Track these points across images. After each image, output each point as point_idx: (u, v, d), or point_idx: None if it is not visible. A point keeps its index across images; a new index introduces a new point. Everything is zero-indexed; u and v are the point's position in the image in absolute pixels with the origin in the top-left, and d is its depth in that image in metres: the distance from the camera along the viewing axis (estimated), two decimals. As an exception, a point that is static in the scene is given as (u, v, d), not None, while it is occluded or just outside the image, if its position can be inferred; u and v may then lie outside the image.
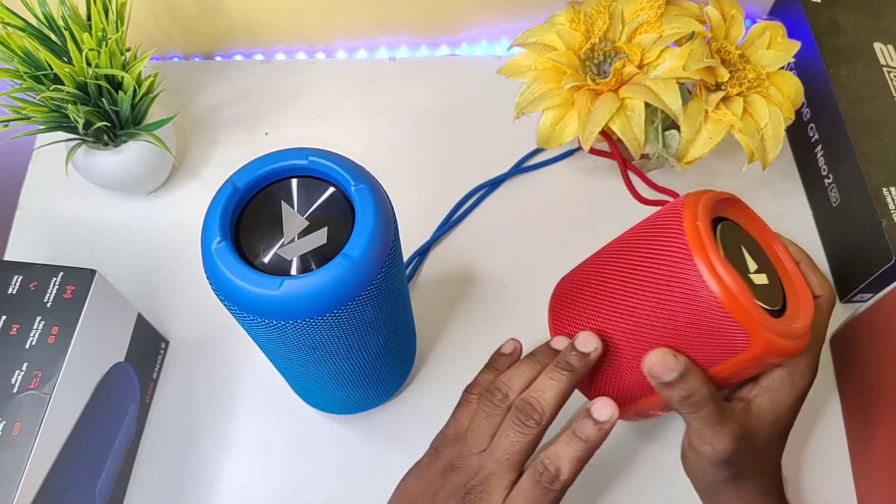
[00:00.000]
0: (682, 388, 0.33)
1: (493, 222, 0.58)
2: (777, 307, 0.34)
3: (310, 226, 0.33)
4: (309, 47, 0.66)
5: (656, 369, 0.33)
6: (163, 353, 0.52)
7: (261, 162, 0.34)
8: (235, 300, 0.32)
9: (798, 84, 0.52)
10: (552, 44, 0.52)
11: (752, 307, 0.31)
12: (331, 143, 0.61)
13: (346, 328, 0.34)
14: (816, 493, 0.48)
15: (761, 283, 0.33)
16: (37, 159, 0.61)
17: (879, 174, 0.51)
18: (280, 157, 0.34)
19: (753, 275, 0.33)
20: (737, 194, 0.37)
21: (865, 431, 0.48)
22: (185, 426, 0.50)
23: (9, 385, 0.39)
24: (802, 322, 0.34)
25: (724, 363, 0.33)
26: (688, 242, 0.32)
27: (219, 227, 0.32)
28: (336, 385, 0.42)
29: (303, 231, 0.33)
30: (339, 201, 0.34)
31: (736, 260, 0.33)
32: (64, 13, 0.48)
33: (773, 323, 0.32)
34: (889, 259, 0.48)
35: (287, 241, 0.33)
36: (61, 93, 0.47)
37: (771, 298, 0.34)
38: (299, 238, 0.33)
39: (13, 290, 0.42)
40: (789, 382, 0.36)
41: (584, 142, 0.49)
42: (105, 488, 0.45)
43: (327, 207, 0.34)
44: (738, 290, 0.31)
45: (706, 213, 0.33)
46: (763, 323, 0.31)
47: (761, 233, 0.36)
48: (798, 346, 0.33)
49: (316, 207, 0.34)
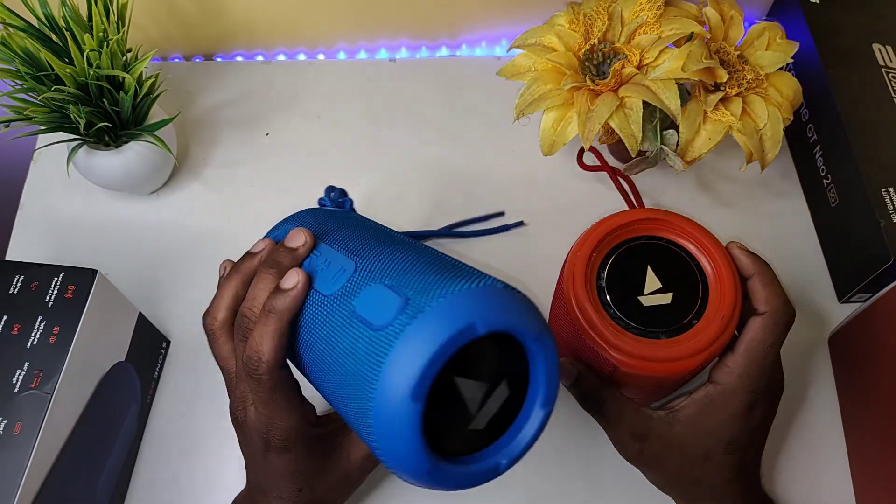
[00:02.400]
0: (580, 389, 0.39)
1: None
2: (677, 325, 0.36)
3: (490, 386, 0.29)
4: (310, 48, 0.67)
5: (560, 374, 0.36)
6: (164, 353, 0.52)
7: (439, 351, 0.27)
8: (445, 482, 0.29)
9: (797, 85, 0.52)
10: (551, 45, 0.52)
11: (605, 334, 0.36)
12: (331, 144, 0.62)
13: None
14: (815, 493, 0.48)
15: (657, 304, 0.37)
16: (38, 160, 0.61)
17: (878, 175, 0.51)
18: (447, 329, 0.27)
19: (650, 295, 0.37)
20: (736, 195, 0.38)
21: (864, 431, 0.48)
22: (186, 426, 0.50)
23: (10, 385, 0.39)
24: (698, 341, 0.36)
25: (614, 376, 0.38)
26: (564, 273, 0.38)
27: (426, 459, 0.28)
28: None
29: (484, 395, 0.29)
30: (499, 341, 0.29)
31: (630, 284, 0.37)
32: (65, 14, 0.49)
33: (637, 346, 0.35)
34: (887, 259, 0.48)
35: (474, 413, 0.29)
36: (62, 93, 0.47)
37: (671, 317, 0.36)
38: (484, 404, 0.29)
39: (14, 290, 0.42)
40: (719, 399, 0.37)
41: (584, 140, 0.49)
42: (106, 488, 0.46)
43: (494, 356, 0.29)
44: (588, 319, 0.36)
45: (590, 244, 0.38)
46: (620, 347, 0.35)
47: (705, 248, 0.38)
48: (681, 367, 0.35)
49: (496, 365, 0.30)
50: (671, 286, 0.37)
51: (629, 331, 0.36)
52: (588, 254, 0.37)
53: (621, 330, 0.36)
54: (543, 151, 0.52)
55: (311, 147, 0.61)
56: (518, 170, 0.60)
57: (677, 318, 0.37)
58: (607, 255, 0.38)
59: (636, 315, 0.36)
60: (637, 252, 0.38)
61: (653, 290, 0.37)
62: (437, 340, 0.26)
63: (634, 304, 0.37)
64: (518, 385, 0.30)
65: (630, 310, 0.37)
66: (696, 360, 0.36)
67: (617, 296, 0.37)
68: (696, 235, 0.38)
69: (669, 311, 0.37)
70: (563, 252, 0.40)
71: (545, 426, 0.30)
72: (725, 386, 0.37)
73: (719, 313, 0.36)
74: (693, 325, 0.36)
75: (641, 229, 0.39)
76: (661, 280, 0.37)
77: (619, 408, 0.38)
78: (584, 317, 0.36)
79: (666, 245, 0.38)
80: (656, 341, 0.36)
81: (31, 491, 0.38)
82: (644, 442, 0.38)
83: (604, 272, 0.37)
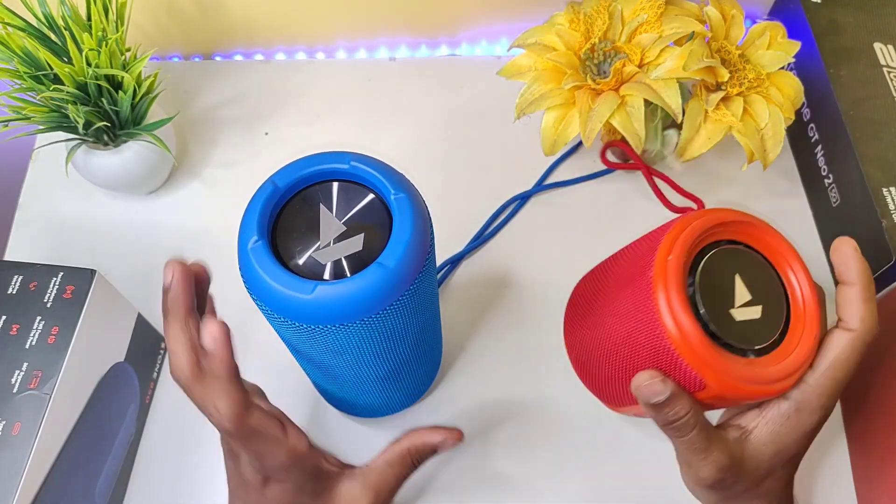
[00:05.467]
0: (667, 413, 0.33)
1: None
2: (767, 342, 0.33)
3: (346, 231, 0.33)
4: (309, 47, 0.66)
5: (643, 391, 0.33)
6: (163, 353, 0.52)
7: (303, 163, 0.34)
8: (268, 301, 0.32)
9: (798, 84, 0.52)
10: (552, 44, 0.52)
11: (700, 351, 0.31)
12: (331, 144, 0.61)
13: (375, 335, 0.34)
14: (816, 494, 0.48)
15: (748, 318, 0.33)
16: (37, 159, 0.61)
17: (879, 174, 0.51)
18: (322, 160, 0.34)
19: (741, 308, 0.33)
20: (737, 195, 0.37)
21: (865, 432, 0.48)
22: (185, 426, 0.50)
23: (9, 385, 0.39)
24: (791, 363, 0.32)
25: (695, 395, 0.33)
26: (652, 278, 0.32)
27: (256, 227, 0.32)
28: (361, 390, 0.42)
29: (339, 236, 0.33)
30: (378, 209, 0.34)
31: (720, 293, 0.33)
32: (64, 13, 0.48)
33: (733, 367, 0.31)
34: (889, 259, 0.48)
35: (323, 245, 0.33)
36: (61, 93, 0.47)
37: (760, 333, 0.33)
38: (335, 243, 0.33)
39: (13, 290, 0.42)
40: (795, 418, 0.34)
41: (585, 139, 0.49)
42: (105, 488, 0.45)
43: (365, 214, 0.34)
44: (685, 334, 0.31)
45: (684, 246, 0.33)
46: (715, 367, 0.31)
47: (783, 257, 0.35)
48: (771, 390, 0.32)
49: (354, 213, 0.34)
50: (760, 298, 0.33)
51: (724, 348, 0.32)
52: (682, 260, 0.32)
53: (718, 348, 0.32)
54: (545, 151, 0.52)
55: (311, 146, 0.61)
56: (518, 169, 0.60)
57: (766, 335, 0.33)
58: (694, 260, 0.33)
59: (728, 330, 0.32)
60: (723, 258, 0.34)
61: (743, 303, 0.33)
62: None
63: (727, 317, 0.33)
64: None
65: (723, 324, 0.32)
66: (789, 381, 0.33)
67: (710, 308, 0.32)
68: (775, 244, 0.35)
69: (759, 326, 0.33)
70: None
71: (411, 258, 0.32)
72: (803, 404, 0.34)
73: (810, 332, 0.33)
74: (780, 342, 0.33)
75: (725, 232, 0.34)
76: (751, 292, 0.33)
77: (705, 435, 0.34)
78: (682, 332, 0.31)
79: (749, 251, 0.35)
80: (752, 361, 0.32)
81: (30, 491, 0.38)
82: (726, 472, 0.34)
83: (694, 280, 0.33)
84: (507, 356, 0.52)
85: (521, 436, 0.49)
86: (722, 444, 0.34)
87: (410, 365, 0.41)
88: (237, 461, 0.36)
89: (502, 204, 0.58)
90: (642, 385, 0.33)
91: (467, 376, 0.52)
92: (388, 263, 0.31)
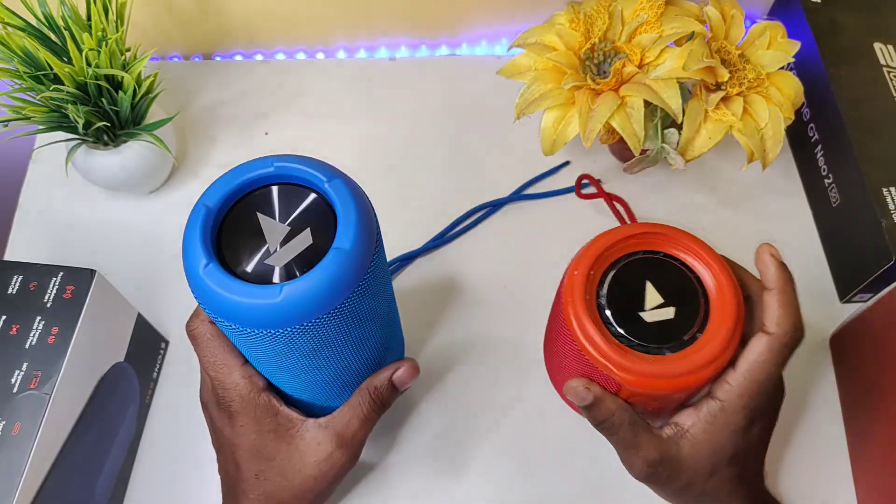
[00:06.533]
0: (595, 414, 0.37)
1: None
2: (682, 339, 0.35)
3: (292, 231, 0.33)
4: (309, 47, 0.66)
5: (571, 396, 0.37)
6: (163, 353, 0.52)
7: (227, 177, 0.34)
8: (237, 317, 0.32)
9: (798, 84, 0.52)
10: (552, 44, 0.52)
11: (607, 352, 0.35)
12: (331, 143, 0.61)
13: (348, 322, 0.34)
14: (816, 493, 0.48)
15: (660, 319, 0.36)
16: (37, 159, 0.61)
17: (879, 174, 0.51)
18: (246, 170, 0.34)
19: (653, 311, 0.36)
20: (737, 194, 0.37)
21: (865, 431, 0.48)
22: (184, 426, 0.50)
23: (8, 385, 0.39)
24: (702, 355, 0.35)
25: (621, 394, 0.37)
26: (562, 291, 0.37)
27: (202, 250, 0.32)
28: (335, 391, 0.41)
29: (286, 238, 0.33)
30: (317, 202, 0.34)
31: (630, 299, 0.36)
32: (64, 13, 0.48)
33: (641, 364, 0.34)
34: (889, 259, 0.48)
35: (273, 250, 0.33)
36: (61, 93, 0.47)
37: (675, 332, 0.35)
38: (283, 245, 0.33)
39: (13, 290, 0.42)
40: (722, 417, 0.36)
41: (584, 139, 0.49)
42: (105, 488, 0.45)
43: (306, 210, 0.34)
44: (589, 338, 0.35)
45: (588, 260, 0.37)
46: (623, 365, 0.34)
47: (702, 260, 0.37)
48: (685, 382, 0.35)
49: (296, 213, 0.34)
50: (673, 300, 0.36)
51: (633, 348, 0.35)
52: (586, 272, 0.36)
53: (625, 347, 0.35)
54: (544, 151, 0.52)
55: (311, 146, 0.61)
56: (518, 170, 0.60)
57: (681, 333, 0.36)
58: (605, 271, 0.37)
59: (639, 332, 0.35)
60: (635, 267, 0.37)
61: (655, 306, 0.36)
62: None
63: (636, 320, 0.36)
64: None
65: (632, 326, 0.36)
66: (702, 374, 0.35)
67: (618, 313, 0.36)
68: (692, 247, 0.37)
69: (673, 326, 0.36)
70: (561, 258, 0.40)
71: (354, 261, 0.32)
72: (726, 403, 0.36)
73: (723, 325, 0.35)
74: (697, 338, 0.35)
75: (638, 244, 0.38)
76: (663, 295, 0.36)
77: (633, 433, 0.37)
78: (586, 336, 0.35)
79: (664, 259, 0.38)
80: (661, 357, 0.35)
81: (30, 491, 0.38)
82: (657, 466, 0.37)
83: (602, 289, 0.37)
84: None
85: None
86: (653, 441, 0.37)
87: (380, 354, 0.41)
88: (208, 410, 0.40)
89: (470, 209, 0.58)
90: (570, 391, 0.37)
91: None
92: (344, 245, 0.31)
